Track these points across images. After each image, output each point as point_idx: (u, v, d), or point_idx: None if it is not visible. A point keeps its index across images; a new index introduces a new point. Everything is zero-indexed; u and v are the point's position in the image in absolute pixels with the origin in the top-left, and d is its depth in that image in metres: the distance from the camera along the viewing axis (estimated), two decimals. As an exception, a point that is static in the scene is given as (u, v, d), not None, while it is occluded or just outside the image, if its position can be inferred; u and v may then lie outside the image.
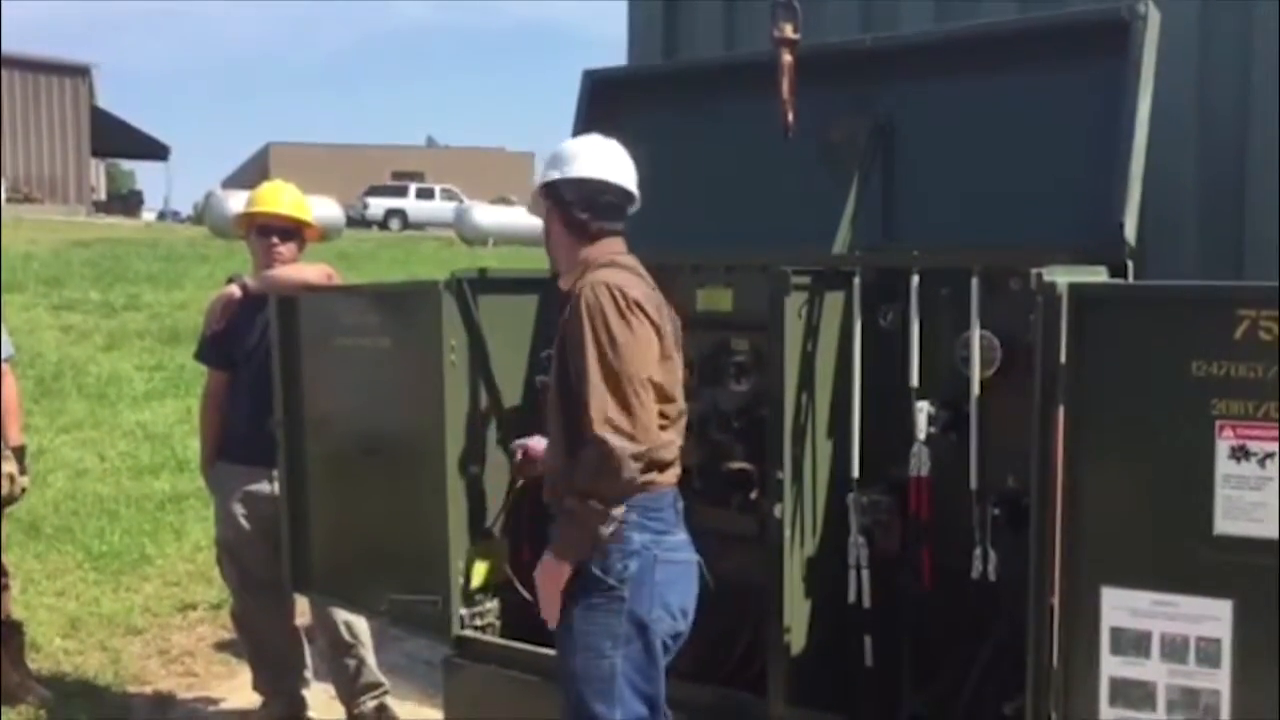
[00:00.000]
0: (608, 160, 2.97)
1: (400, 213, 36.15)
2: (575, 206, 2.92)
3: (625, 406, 2.64)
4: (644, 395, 2.68)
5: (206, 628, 5.62)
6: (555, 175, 2.94)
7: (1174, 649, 2.50)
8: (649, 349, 2.74)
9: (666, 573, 2.82)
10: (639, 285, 2.83)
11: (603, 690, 2.77)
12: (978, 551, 2.97)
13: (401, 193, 37.89)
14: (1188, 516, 2.45)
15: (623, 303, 2.71)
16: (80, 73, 37.01)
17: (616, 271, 2.84)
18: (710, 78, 3.98)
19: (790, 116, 3.26)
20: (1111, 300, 2.60)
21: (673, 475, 2.86)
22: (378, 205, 36.32)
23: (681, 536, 2.90)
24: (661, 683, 2.85)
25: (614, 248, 2.96)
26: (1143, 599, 2.52)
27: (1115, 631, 2.55)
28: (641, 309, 2.75)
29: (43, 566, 6.31)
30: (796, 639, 3.09)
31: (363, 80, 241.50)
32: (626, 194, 2.99)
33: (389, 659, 4.71)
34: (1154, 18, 3.05)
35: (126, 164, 53.56)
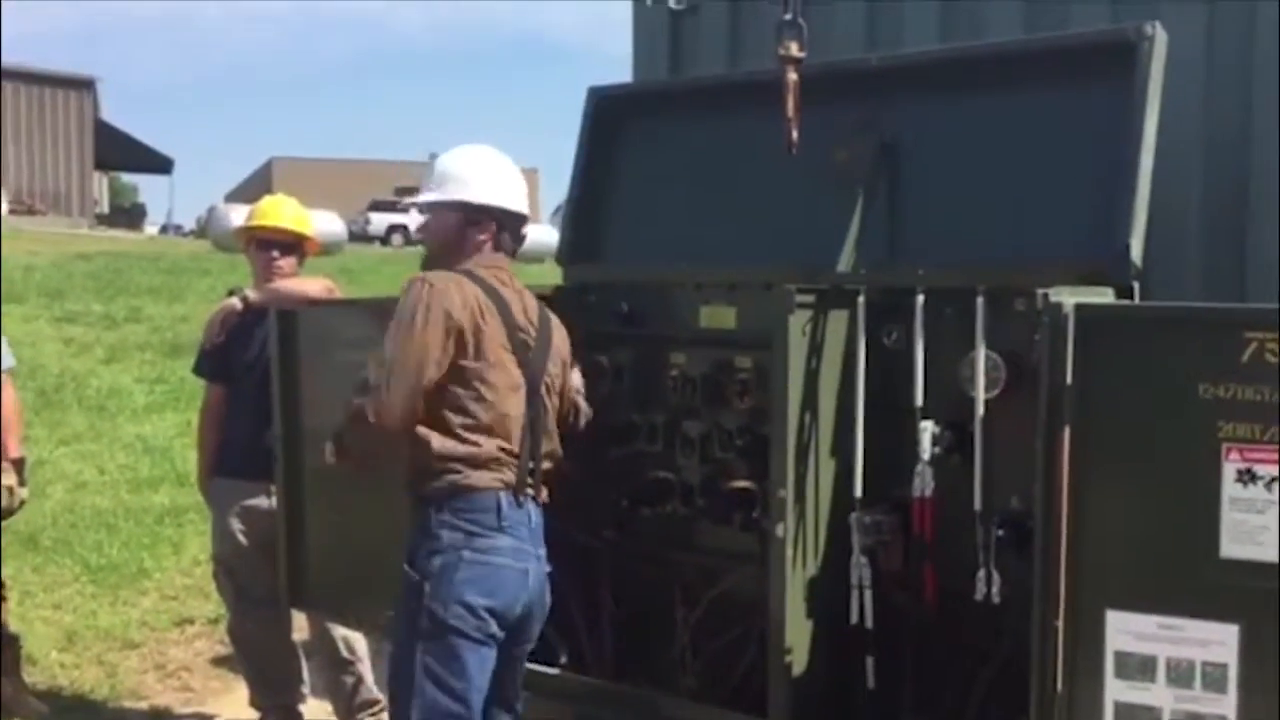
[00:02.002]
0: (510, 188, 3.19)
1: (402, 228, 36.20)
2: (478, 229, 3.12)
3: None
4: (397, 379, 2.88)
5: (204, 643, 5.59)
6: (460, 196, 3.12)
7: (1180, 674, 2.47)
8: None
9: (472, 572, 2.90)
10: (465, 290, 2.96)
11: (405, 680, 2.92)
12: (981, 573, 2.95)
13: (404, 208, 37.95)
14: (1193, 540, 2.44)
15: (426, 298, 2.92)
16: (84, 86, 37.18)
17: (450, 274, 3.02)
18: (715, 95, 3.98)
19: (794, 134, 3.25)
20: (1118, 321, 2.59)
21: (493, 479, 2.93)
22: (380, 220, 36.42)
23: (504, 541, 2.94)
24: (478, 680, 2.91)
25: (482, 260, 3.11)
26: (1148, 623, 2.51)
27: (1120, 655, 2.53)
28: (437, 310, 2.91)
29: (40, 579, 6.29)
30: (798, 659, 3.07)
31: (365, 95, 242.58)
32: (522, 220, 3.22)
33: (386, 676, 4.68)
34: (1161, 39, 3.05)
35: (129, 177, 53.77)
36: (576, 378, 3.38)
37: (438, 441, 2.93)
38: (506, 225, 3.17)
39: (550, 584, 3.12)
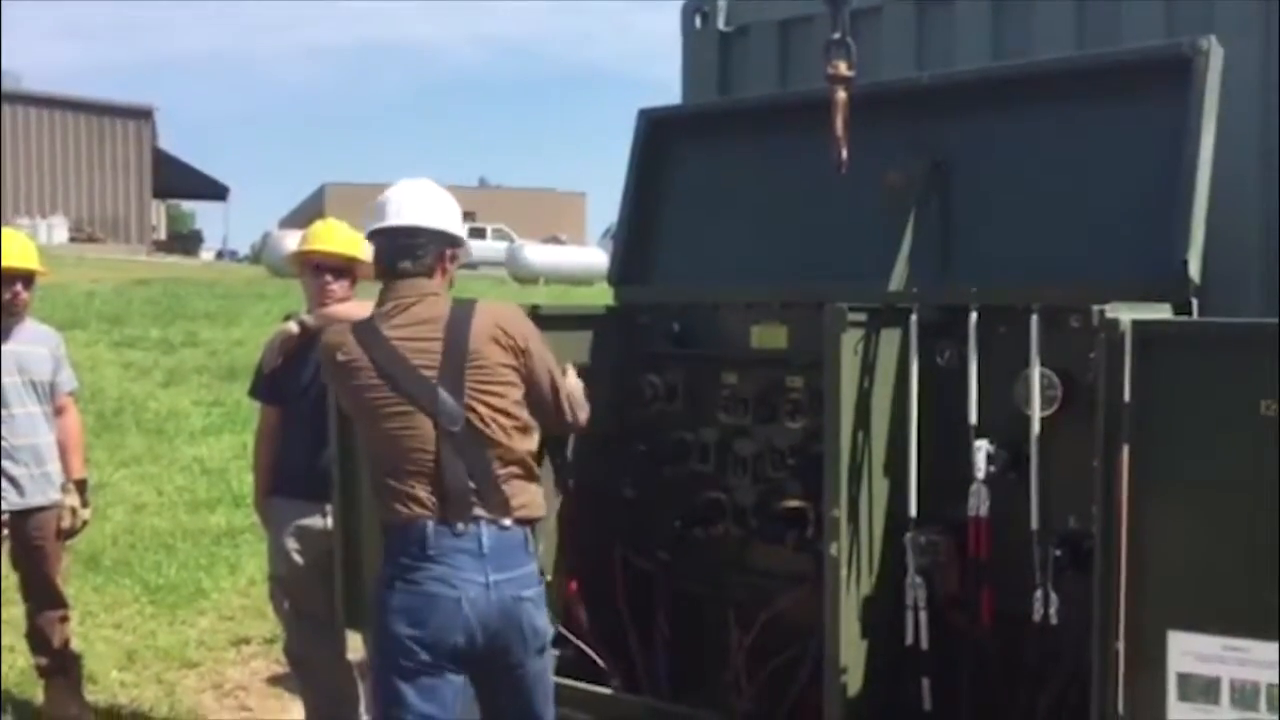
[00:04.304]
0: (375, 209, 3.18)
1: (452, 252, 36.44)
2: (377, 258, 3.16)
3: None
4: None
5: (260, 662, 5.64)
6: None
7: (1244, 696, 2.43)
8: None
9: (401, 601, 2.93)
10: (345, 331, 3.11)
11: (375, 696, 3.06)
12: (1039, 594, 2.91)
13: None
14: (1257, 559, 2.39)
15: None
16: (143, 115, 37.91)
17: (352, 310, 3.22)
18: (765, 116, 3.99)
19: (843, 153, 3.25)
20: (1177, 338, 2.56)
21: (413, 512, 2.95)
22: (430, 244, 36.66)
23: (435, 570, 2.92)
24: (421, 709, 2.91)
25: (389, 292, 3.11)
26: (1211, 644, 2.46)
27: (1183, 678, 2.48)
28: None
29: (101, 599, 6.39)
30: (853, 680, 3.04)
31: (417, 123, 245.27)
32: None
33: (440, 696, 4.70)
34: (1217, 54, 3.02)
35: (187, 204, 54.67)
36: (572, 379, 3.27)
37: (372, 480, 3.07)
38: (378, 245, 3.15)
39: (583, 603, 3.11)
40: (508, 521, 2.97)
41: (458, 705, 2.99)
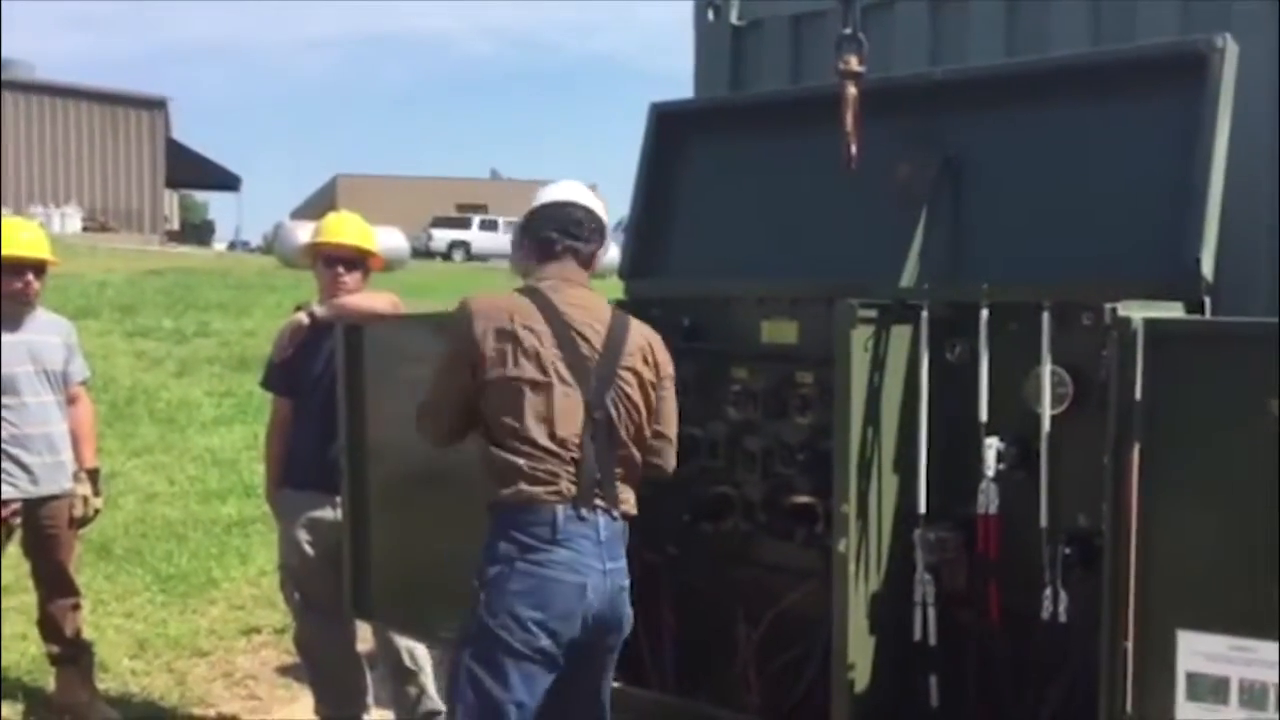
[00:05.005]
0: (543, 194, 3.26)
1: (464, 244, 36.58)
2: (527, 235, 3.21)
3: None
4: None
5: (270, 651, 5.67)
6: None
7: (1253, 696, 2.42)
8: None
9: (524, 584, 2.89)
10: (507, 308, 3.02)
11: (452, 681, 2.98)
12: (1047, 592, 2.91)
13: (465, 224, 38.37)
14: (1266, 559, 2.39)
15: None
16: (157, 106, 37.99)
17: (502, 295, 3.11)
18: (777, 110, 3.98)
19: (853, 149, 3.24)
20: (1188, 336, 2.55)
21: (548, 492, 2.92)
22: (442, 237, 36.81)
23: (559, 554, 2.90)
24: (520, 694, 2.88)
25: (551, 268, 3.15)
26: (1220, 643, 2.46)
27: (1192, 677, 2.48)
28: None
29: (112, 588, 6.42)
30: (860, 676, 3.05)
31: (428, 114, 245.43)
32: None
33: (448, 688, 4.72)
34: (1232, 51, 3.00)
35: (200, 195, 54.84)
36: (668, 417, 3.19)
37: (495, 454, 2.96)
38: (546, 217, 3.19)
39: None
40: (616, 513, 3.02)
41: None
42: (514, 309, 3.01)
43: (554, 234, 3.14)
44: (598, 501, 2.98)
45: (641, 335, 3.13)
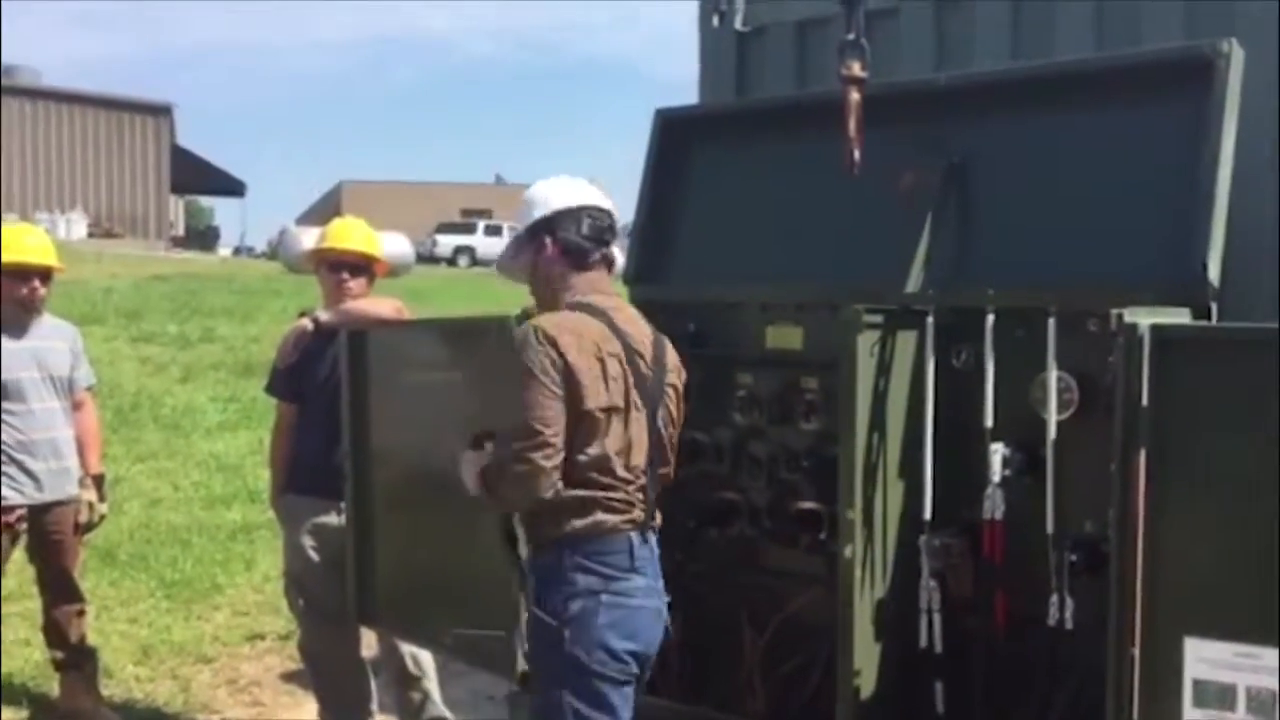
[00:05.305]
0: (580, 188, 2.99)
1: (469, 249, 36.59)
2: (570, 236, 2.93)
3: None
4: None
5: (274, 658, 5.66)
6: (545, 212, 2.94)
7: (1260, 704, 2.41)
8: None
9: (611, 616, 2.77)
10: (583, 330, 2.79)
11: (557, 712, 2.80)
12: (1053, 598, 2.90)
13: (470, 230, 38.39)
14: (1273, 566, 2.38)
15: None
16: (163, 112, 38.04)
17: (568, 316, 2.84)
18: (781, 116, 3.98)
19: (856, 154, 3.24)
20: (1195, 342, 2.55)
21: (624, 521, 2.80)
22: (446, 242, 36.82)
23: (638, 581, 2.81)
24: (623, 715, 2.82)
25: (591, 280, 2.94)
26: (1226, 651, 2.45)
27: (1198, 684, 2.47)
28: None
29: (117, 593, 6.42)
30: (865, 682, 3.04)
31: (432, 119, 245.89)
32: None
33: (452, 694, 4.71)
34: (1238, 56, 3.00)
35: (205, 200, 54.93)
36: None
37: (566, 483, 2.76)
38: (580, 221, 2.93)
39: None
40: (658, 531, 2.93)
41: None
42: (596, 334, 2.80)
43: (588, 242, 2.93)
44: (653, 523, 2.90)
45: (673, 351, 3.02)
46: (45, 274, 4.72)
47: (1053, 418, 2.92)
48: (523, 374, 2.72)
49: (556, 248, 2.92)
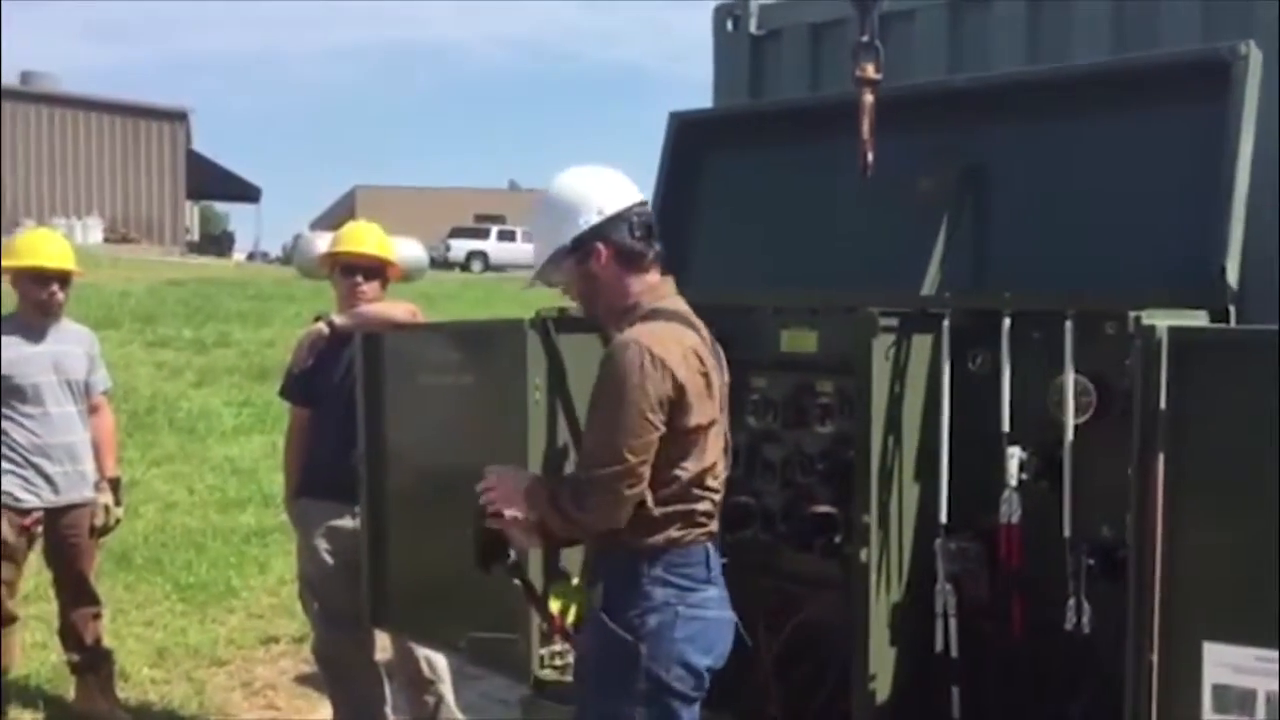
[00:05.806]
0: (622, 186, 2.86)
1: (482, 254, 36.70)
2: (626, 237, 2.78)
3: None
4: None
5: (289, 661, 5.68)
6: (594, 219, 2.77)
7: (1282, 709, 2.39)
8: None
9: (689, 629, 2.70)
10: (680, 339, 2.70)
11: None
12: (1071, 603, 2.88)
13: (484, 235, 38.50)
14: (1295, 570, 2.35)
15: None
16: (178, 118, 38.26)
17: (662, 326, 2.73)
18: (796, 119, 3.98)
19: (870, 157, 3.23)
20: (1214, 345, 2.53)
21: (703, 533, 2.76)
22: (460, 247, 36.92)
23: (712, 593, 2.76)
24: None
25: (654, 283, 2.83)
26: (1246, 655, 2.42)
27: (1218, 689, 2.45)
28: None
29: (132, 596, 6.45)
30: (881, 687, 3.02)
31: (447, 125, 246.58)
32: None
33: (466, 698, 4.71)
34: (1256, 58, 2.98)
35: (220, 206, 55.17)
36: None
37: (656, 498, 2.67)
38: (630, 219, 2.79)
39: None
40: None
41: None
42: (694, 346, 2.71)
43: (640, 243, 2.79)
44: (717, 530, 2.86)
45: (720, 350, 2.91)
46: (64, 278, 4.75)
47: (1070, 421, 2.90)
48: (623, 393, 2.57)
49: (609, 252, 2.77)
